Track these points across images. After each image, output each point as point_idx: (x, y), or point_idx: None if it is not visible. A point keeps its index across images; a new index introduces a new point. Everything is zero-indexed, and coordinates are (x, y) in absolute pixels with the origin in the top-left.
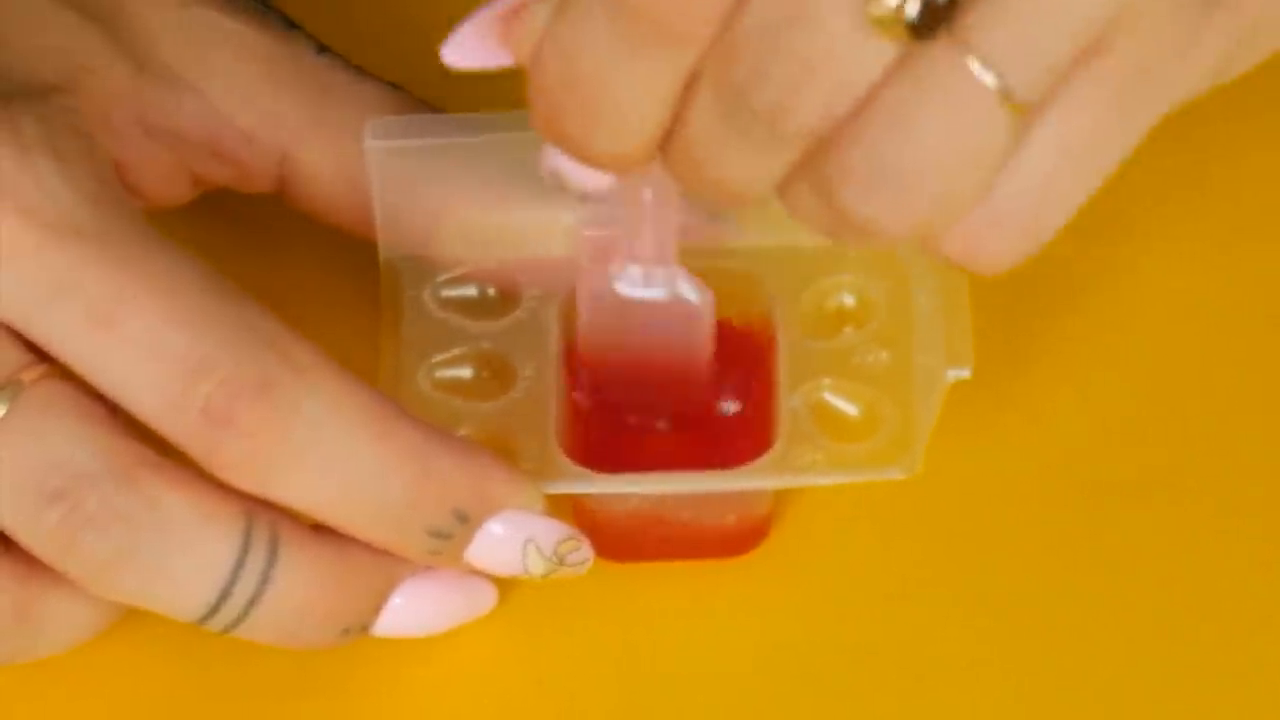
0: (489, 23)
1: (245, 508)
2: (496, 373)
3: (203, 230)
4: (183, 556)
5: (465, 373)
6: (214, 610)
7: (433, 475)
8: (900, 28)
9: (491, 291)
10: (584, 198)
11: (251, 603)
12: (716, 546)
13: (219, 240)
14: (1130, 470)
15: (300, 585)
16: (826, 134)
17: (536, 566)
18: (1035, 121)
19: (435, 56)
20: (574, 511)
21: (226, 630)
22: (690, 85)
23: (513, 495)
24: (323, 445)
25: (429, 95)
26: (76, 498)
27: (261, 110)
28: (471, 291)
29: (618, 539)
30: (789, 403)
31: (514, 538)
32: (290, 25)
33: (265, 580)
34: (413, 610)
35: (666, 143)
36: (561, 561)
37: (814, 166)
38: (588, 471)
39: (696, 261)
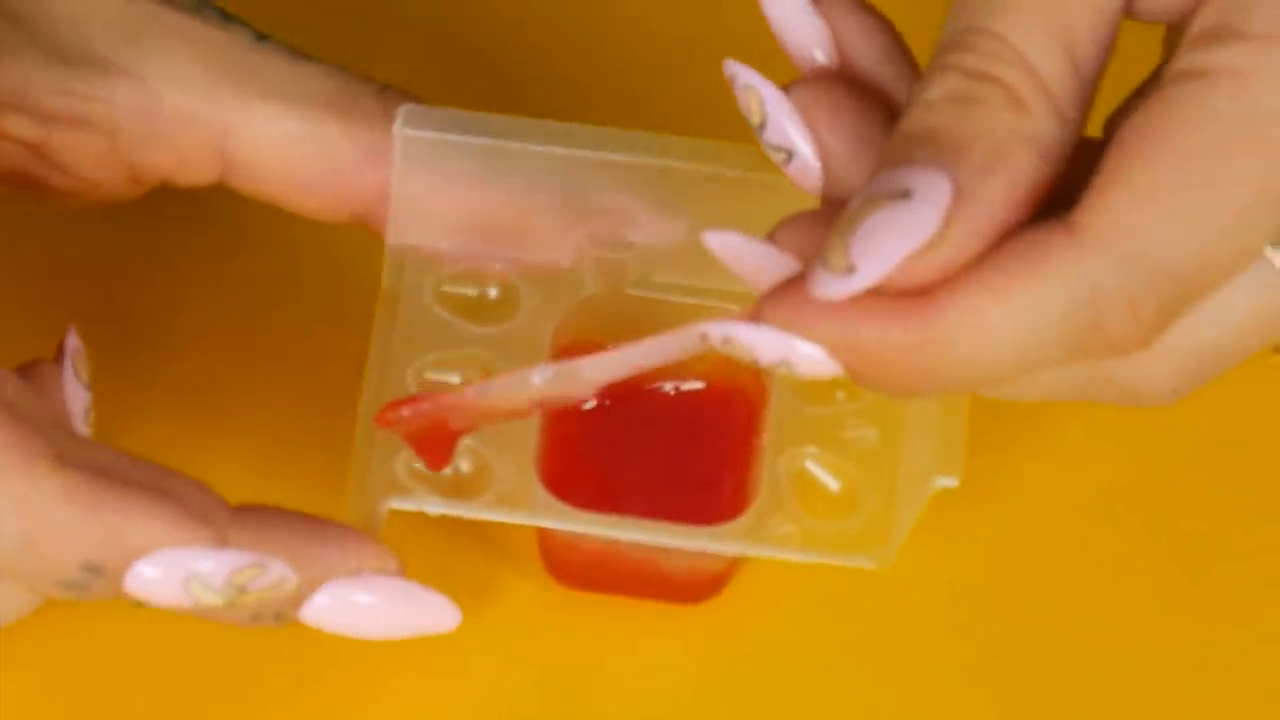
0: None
1: None
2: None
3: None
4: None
5: (454, 376)
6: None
7: (48, 530)
8: None
9: (493, 293)
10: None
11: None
12: (671, 591)
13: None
14: (1126, 479)
15: None
16: None
17: (210, 599)
18: None
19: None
20: (536, 532)
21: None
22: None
23: (161, 539)
24: None
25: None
26: None
27: (199, 89)
28: (472, 291)
29: (576, 567)
30: (771, 467)
31: (171, 578)
32: (228, 18)
33: None
34: (343, 612)
35: None
36: (243, 590)
37: None
38: (561, 505)
39: (702, 310)
